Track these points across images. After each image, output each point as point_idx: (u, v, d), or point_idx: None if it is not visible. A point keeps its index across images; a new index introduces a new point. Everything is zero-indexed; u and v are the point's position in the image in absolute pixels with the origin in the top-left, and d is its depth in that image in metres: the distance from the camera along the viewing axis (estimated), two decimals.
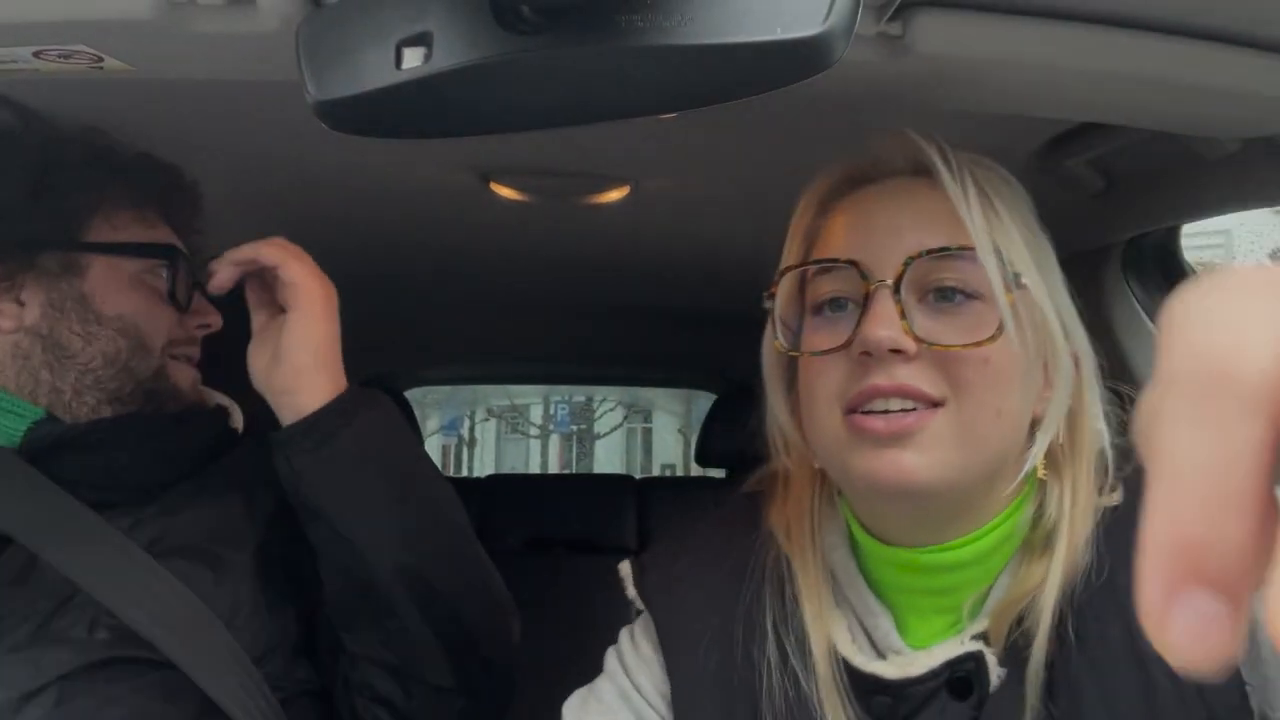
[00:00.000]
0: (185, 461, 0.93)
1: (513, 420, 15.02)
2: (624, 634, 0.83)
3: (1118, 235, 1.30)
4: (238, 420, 1.04)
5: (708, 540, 0.82)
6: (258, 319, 0.91)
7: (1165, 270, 1.35)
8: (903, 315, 0.63)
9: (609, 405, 13.38)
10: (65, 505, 0.83)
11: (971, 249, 0.63)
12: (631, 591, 0.81)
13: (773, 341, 0.75)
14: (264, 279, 0.90)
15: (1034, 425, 0.67)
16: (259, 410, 1.03)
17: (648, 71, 0.55)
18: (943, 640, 0.67)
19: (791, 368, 0.76)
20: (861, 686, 0.67)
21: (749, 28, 0.52)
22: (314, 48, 0.57)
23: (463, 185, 1.42)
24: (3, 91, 0.94)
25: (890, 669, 0.67)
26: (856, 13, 0.54)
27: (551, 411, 14.39)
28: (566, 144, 1.26)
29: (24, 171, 0.86)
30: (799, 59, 0.54)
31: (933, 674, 0.65)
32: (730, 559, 0.77)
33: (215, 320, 0.97)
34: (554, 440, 14.83)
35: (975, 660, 0.65)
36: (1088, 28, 0.75)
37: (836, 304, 0.68)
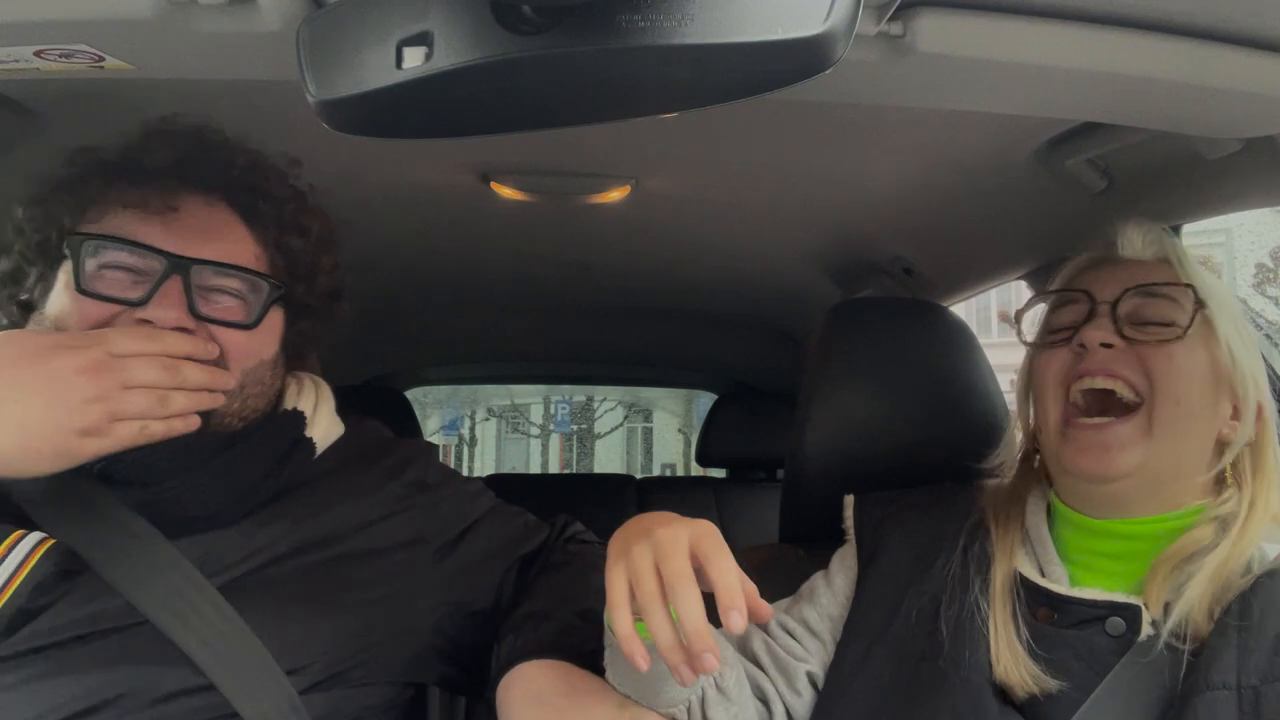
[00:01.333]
0: (249, 484, 0.89)
1: (513, 420, 15.01)
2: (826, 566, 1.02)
3: None
4: (322, 420, 1.00)
5: (920, 498, 1.00)
6: None
7: None
8: (1115, 323, 0.86)
9: (609, 405, 13.37)
10: (137, 528, 0.82)
11: (1175, 284, 0.87)
12: (848, 523, 1.02)
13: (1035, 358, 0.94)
14: None
15: (1221, 446, 0.86)
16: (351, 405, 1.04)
17: (648, 71, 0.55)
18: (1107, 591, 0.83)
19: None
20: (1031, 599, 0.85)
21: (749, 28, 0.52)
22: (315, 47, 0.57)
23: (463, 185, 1.42)
24: (3, 91, 0.94)
25: (1059, 587, 0.85)
26: (857, 13, 0.54)
27: (552, 411, 14.38)
28: (566, 144, 1.26)
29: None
30: (799, 59, 0.54)
31: (1093, 603, 0.82)
32: (936, 512, 0.97)
33: (160, 315, 0.85)
34: (554, 440, 14.82)
35: (1131, 611, 0.80)
36: (1088, 28, 0.75)
37: (1063, 328, 0.91)
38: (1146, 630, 0.79)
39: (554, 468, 14.05)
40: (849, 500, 1.04)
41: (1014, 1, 0.73)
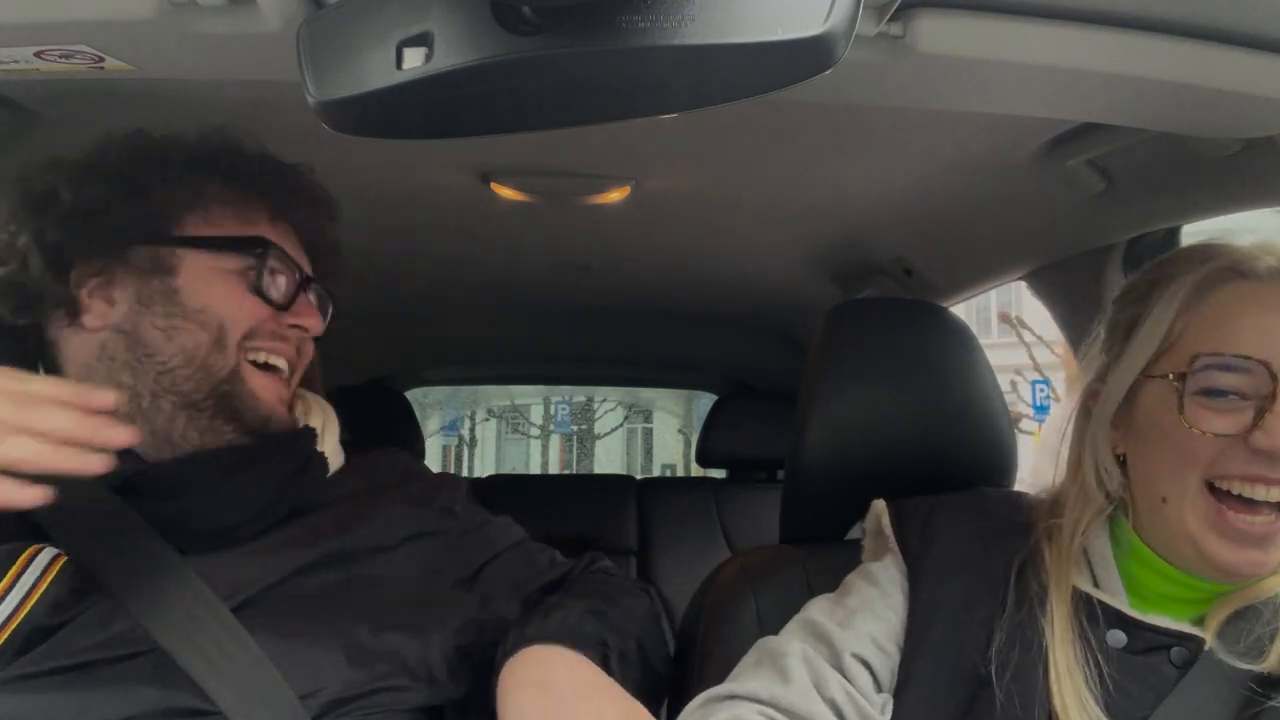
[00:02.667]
0: (269, 500, 0.87)
1: (513, 420, 15.02)
2: (864, 573, 0.94)
3: (1118, 235, 1.30)
4: (330, 441, 0.98)
5: (959, 502, 0.94)
6: None
7: None
8: None
9: (609, 405, 13.37)
10: (152, 546, 0.80)
11: None
12: (888, 531, 0.94)
13: (1173, 408, 0.79)
14: None
15: None
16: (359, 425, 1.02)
17: (648, 72, 0.55)
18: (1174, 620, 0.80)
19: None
20: (1093, 618, 0.80)
21: (750, 28, 0.52)
22: (315, 48, 0.57)
23: (463, 185, 1.42)
24: (3, 91, 0.94)
25: (1129, 610, 0.80)
26: (857, 13, 0.54)
27: (552, 412, 14.39)
28: (566, 144, 1.26)
29: (113, 168, 0.85)
30: (799, 59, 0.54)
31: (1163, 631, 0.78)
32: (981, 521, 0.91)
33: (313, 323, 0.93)
34: (554, 440, 14.82)
35: (1196, 642, 0.78)
36: (1088, 28, 0.75)
37: (1225, 393, 0.77)
38: (1209, 659, 0.77)
39: (554, 468, 14.05)
40: (881, 507, 0.98)
41: (1014, 2, 0.73)
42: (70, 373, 0.85)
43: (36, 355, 0.85)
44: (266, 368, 0.90)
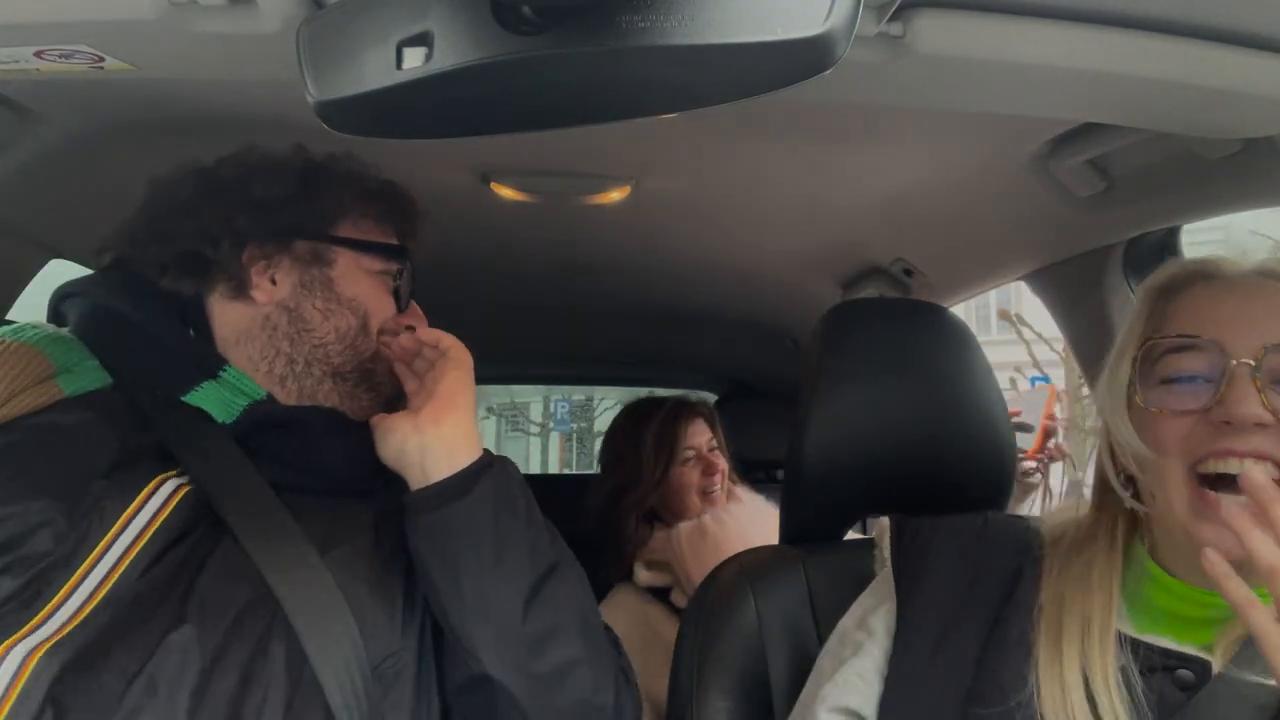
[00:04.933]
0: (371, 463, 0.96)
1: (513, 418, 15.02)
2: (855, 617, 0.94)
3: (1118, 235, 1.30)
4: None
5: (962, 525, 0.94)
6: (410, 386, 1.02)
7: None
8: (1260, 392, 0.74)
9: (609, 403, 13.37)
10: (265, 498, 0.89)
11: None
12: (886, 553, 0.94)
13: (1133, 397, 0.82)
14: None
15: None
16: None
17: (648, 72, 0.55)
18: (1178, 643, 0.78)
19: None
20: (1097, 638, 0.79)
21: (749, 28, 0.52)
22: (315, 48, 0.57)
23: (463, 185, 1.42)
24: (3, 91, 0.94)
25: (1129, 630, 0.79)
26: (856, 13, 0.54)
27: (552, 409, 14.37)
28: (566, 144, 1.26)
29: (290, 174, 1.00)
30: (799, 59, 0.54)
31: (1165, 652, 0.77)
32: (982, 544, 0.91)
33: (423, 324, 1.08)
34: (554, 438, 14.81)
35: (1201, 664, 0.76)
36: (1088, 28, 0.75)
37: (1186, 378, 0.78)
38: (1215, 683, 0.75)
39: (554, 466, 14.05)
40: (884, 524, 0.98)
41: (1014, 1, 0.73)
42: (224, 335, 0.97)
43: (192, 319, 0.97)
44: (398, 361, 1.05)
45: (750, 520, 1.82)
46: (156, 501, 0.86)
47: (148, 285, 0.97)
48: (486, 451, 0.96)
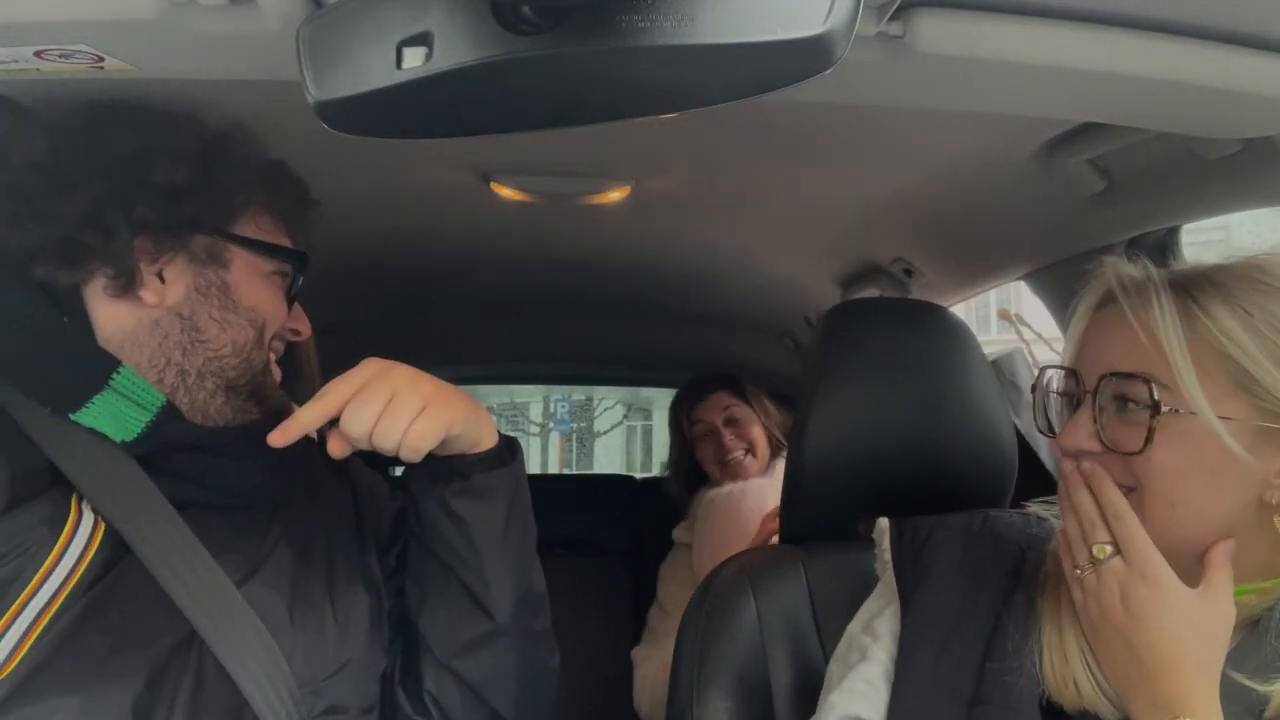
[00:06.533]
0: (284, 476, 0.94)
1: (512, 418, 15.02)
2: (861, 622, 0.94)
3: (1118, 235, 1.30)
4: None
5: (960, 523, 0.95)
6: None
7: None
8: (1094, 420, 0.78)
9: (609, 403, 13.36)
10: (169, 518, 0.85)
11: (1140, 375, 0.76)
12: (887, 556, 0.94)
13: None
14: None
15: (1268, 510, 0.76)
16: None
17: (648, 72, 0.55)
18: None
19: None
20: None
21: (749, 28, 0.52)
22: (315, 48, 0.57)
23: (463, 185, 1.42)
24: (3, 91, 0.94)
25: None
26: (857, 13, 0.54)
27: (551, 409, 14.38)
28: (566, 144, 1.26)
29: (193, 153, 0.89)
30: (799, 59, 0.54)
31: None
32: (981, 543, 0.92)
33: (306, 329, 1.02)
34: (554, 438, 14.81)
35: None
36: (1088, 28, 0.75)
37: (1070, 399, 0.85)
38: None
39: (554, 466, 14.05)
40: (883, 526, 0.99)
41: (1014, 1, 0.73)
42: (105, 336, 0.87)
43: (68, 316, 0.87)
44: (274, 360, 0.98)
45: (759, 501, 1.90)
46: (79, 544, 0.81)
47: (19, 275, 0.84)
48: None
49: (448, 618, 0.96)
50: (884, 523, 0.98)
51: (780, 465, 1.94)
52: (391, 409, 0.85)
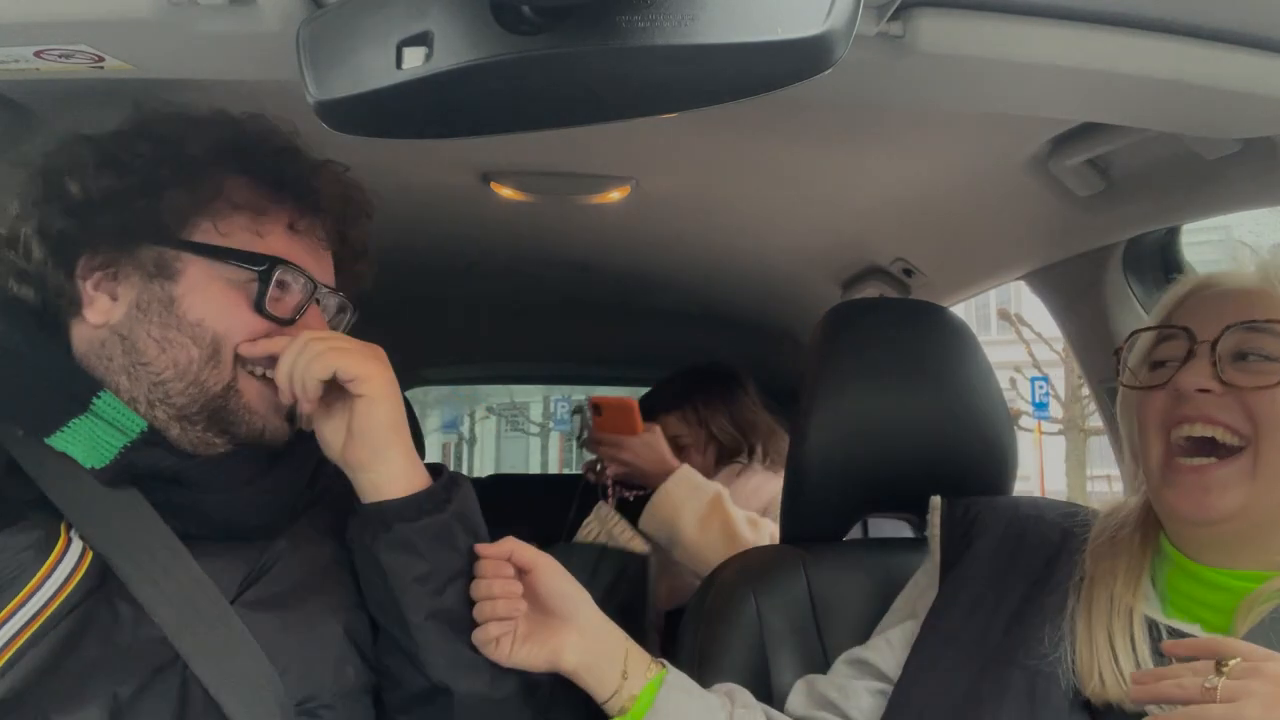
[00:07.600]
0: (278, 506, 0.89)
1: (512, 418, 15.02)
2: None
3: (1118, 235, 1.30)
4: None
5: (1007, 504, 0.99)
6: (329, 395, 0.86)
7: (1165, 270, 1.35)
8: (1214, 365, 0.81)
9: None
10: (164, 542, 0.81)
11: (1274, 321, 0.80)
12: (936, 530, 0.99)
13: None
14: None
15: None
16: None
17: (648, 72, 0.55)
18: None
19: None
20: (1130, 620, 0.83)
21: (749, 28, 0.52)
22: (315, 48, 0.57)
23: (463, 185, 1.42)
24: (3, 91, 0.94)
25: (1161, 617, 0.84)
26: (857, 13, 0.54)
27: (551, 409, 14.38)
28: (566, 144, 1.26)
29: (133, 162, 0.82)
30: (799, 59, 0.54)
31: (1181, 636, 0.79)
32: (1026, 522, 0.96)
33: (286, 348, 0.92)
34: (554, 437, 14.81)
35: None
36: (1088, 28, 0.75)
37: (1158, 363, 0.88)
38: None
39: (554, 465, 14.05)
40: (935, 502, 1.02)
41: (1014, 1, 0.73)
42: (81, 358, 0.84)
43: (50, 337, 0.83)
44: (264, 379, 0.87)
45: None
46: (64, 570, 0.77)
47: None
48: (442, 468, 0.92)
49: (390, 668, 0.88)
50: (936, 500, 1.02)
51: (725, 471, 1.88)
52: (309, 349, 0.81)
